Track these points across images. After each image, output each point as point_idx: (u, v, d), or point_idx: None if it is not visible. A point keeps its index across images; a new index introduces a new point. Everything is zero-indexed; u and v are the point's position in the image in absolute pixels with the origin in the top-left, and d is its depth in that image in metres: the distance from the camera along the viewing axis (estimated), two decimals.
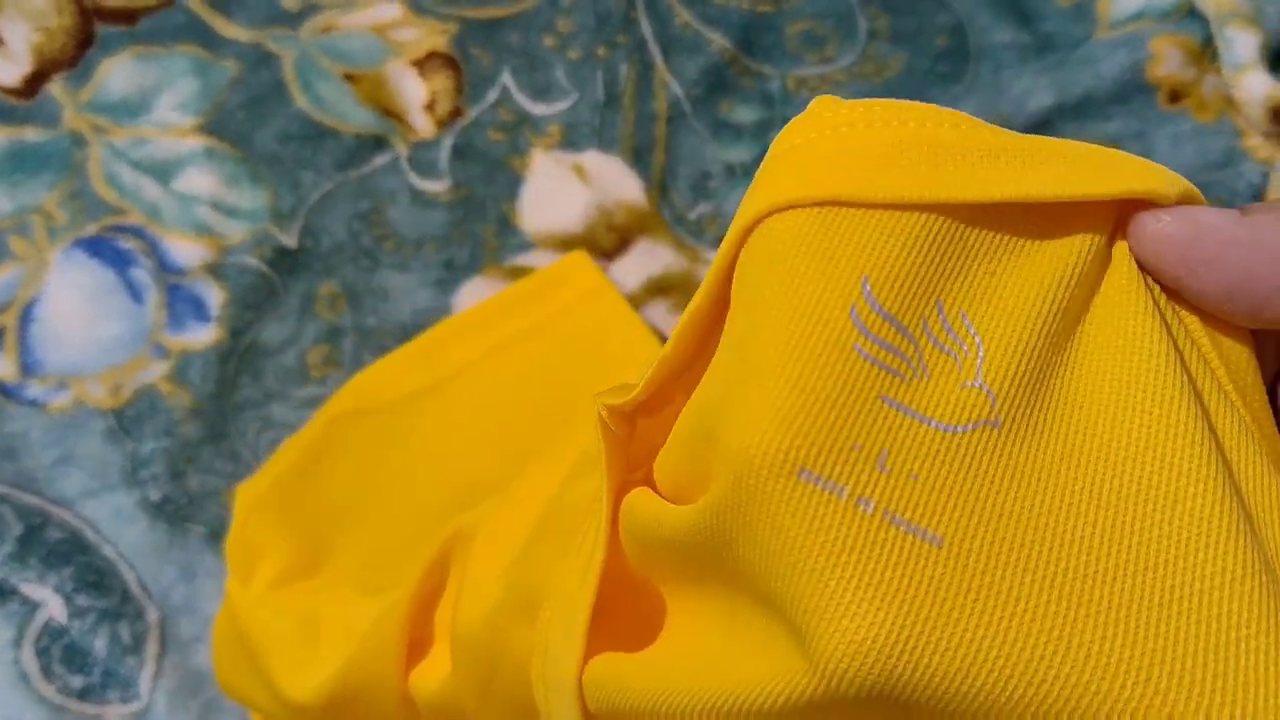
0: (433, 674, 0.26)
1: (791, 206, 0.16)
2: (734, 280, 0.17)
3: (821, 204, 0.16)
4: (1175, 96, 0.44)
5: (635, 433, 0.20)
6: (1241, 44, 0.43)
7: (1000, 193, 0.17)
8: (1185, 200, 0.18)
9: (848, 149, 0.17)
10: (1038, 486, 0.16)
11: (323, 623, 0.28)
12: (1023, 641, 0.15)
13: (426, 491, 0.34)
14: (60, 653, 0.35)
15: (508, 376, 0.38)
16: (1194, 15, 0.44)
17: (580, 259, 0.40)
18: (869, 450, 0.15)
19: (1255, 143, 0.43)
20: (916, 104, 0.18)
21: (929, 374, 0.16)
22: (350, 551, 0.30)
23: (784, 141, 0.18)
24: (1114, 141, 0.43)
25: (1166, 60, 0.44)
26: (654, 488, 0.19)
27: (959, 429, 0.16)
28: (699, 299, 0.18)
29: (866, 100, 0.18)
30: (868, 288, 0.16)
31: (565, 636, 0.19)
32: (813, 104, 0.18)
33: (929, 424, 0.16)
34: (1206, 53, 0.44)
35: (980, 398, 0.16)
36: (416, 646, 0.27)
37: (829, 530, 0.15)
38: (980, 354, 0.16)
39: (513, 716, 0.23)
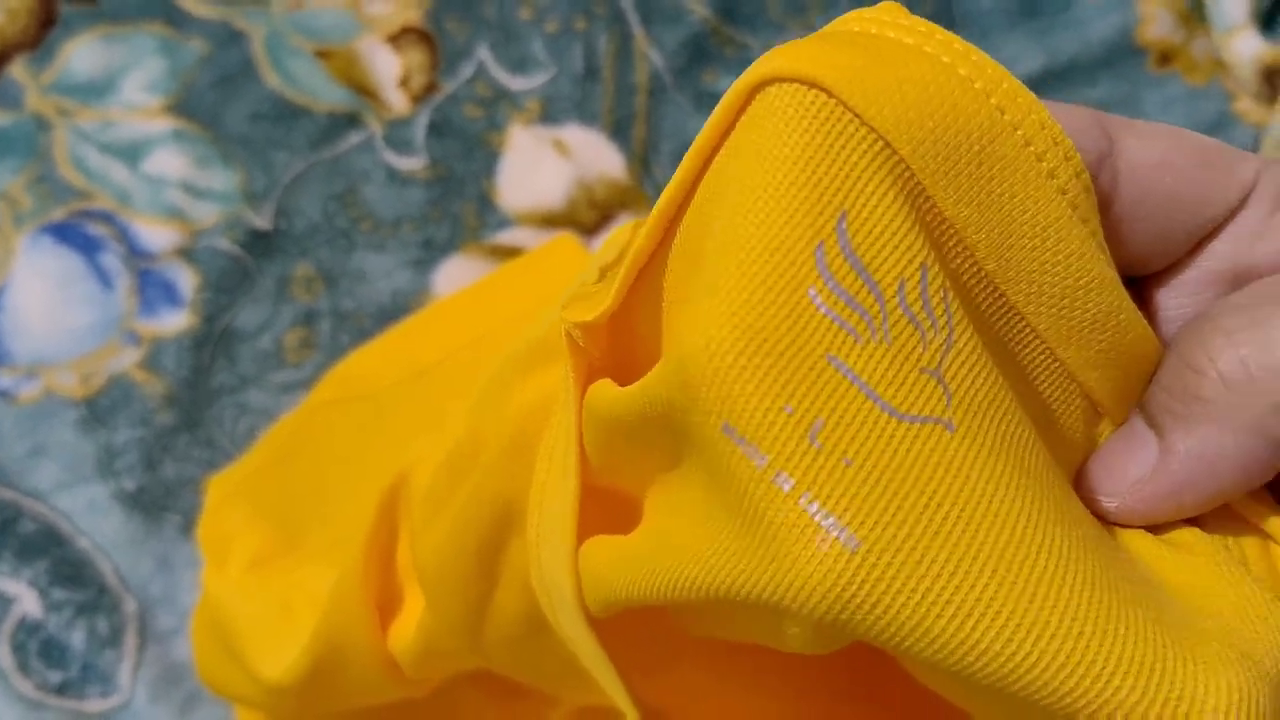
0: (409, 623, 0.25)
1: (802, 80, 0.14)
2: (726, 147, 0.15)
3: (830, 94, 0.14)
4: (1165, 59, 0.43)
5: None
6: (1231, 4, 0.42)
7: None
8: None
9: (884, 53, 0.14)
10: (986, 511, 0.14)
11: (296, 601, 0.27)
12: (927, 667, 0.13)
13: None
14: (37, 648, 0.34)
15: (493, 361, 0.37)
16: None
17: (567, 242, 0.39)
18: (802, 416, 0.13)
19: (1246, 106, 0.43)
20: (990, 62, 0.15)
21: (890, 343, 0.14)
22: (327, 532, 0.30)
23: (830, 26, 0.15)
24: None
25: (1156, 22, 0.43)
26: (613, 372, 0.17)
27: (909, 418, 0.14)
28: (675, 185, 0.15)
29: (939, 29, 0.15)
30: (844, 226, 0.14)
31: (554, 557, 0.18)
32: (881, 4, 0.15)
33: (876, 402, 0.14)
34: (1196, 14, 0.44)
35: (936, 390, 0.14)
36: (388, 607, 0.26)
37: (741, 499, 0.13)
38: (950, 340, 0.14)
39: (521, 631, 0.22)
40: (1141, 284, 0.18)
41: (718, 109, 0.15)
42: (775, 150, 0.14)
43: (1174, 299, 0.17)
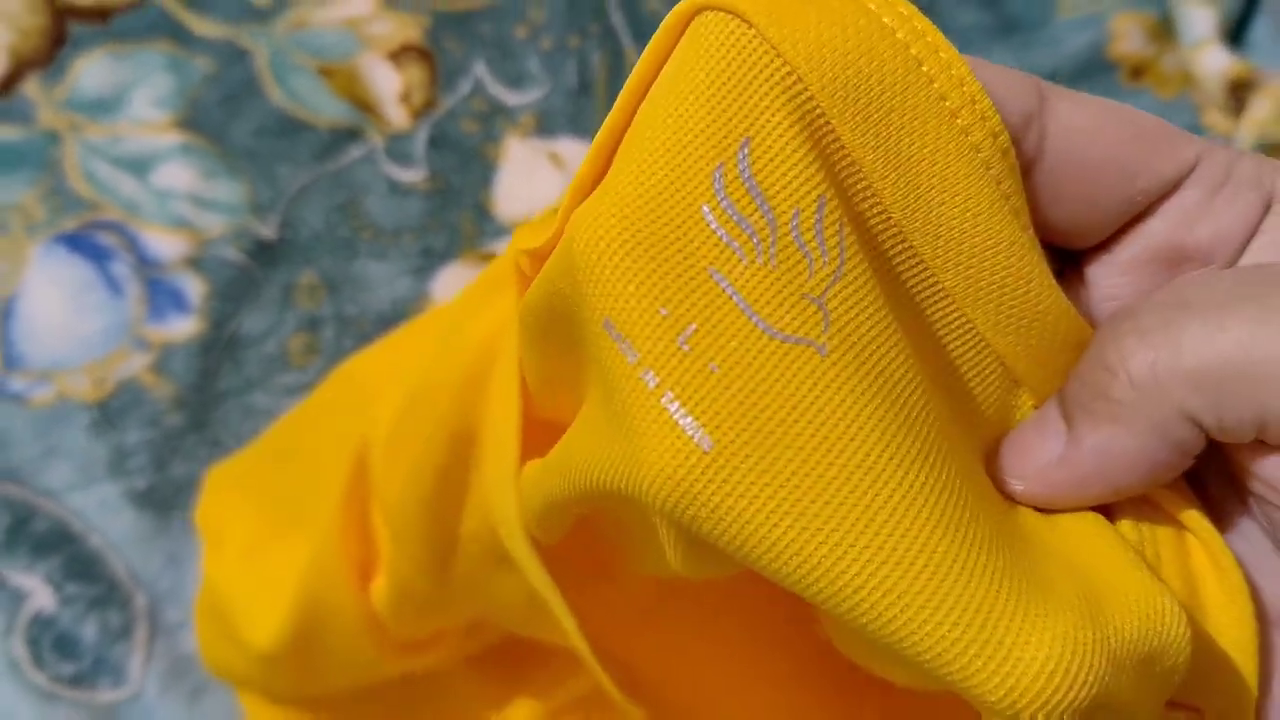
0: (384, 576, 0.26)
1: (726, 10, 0.14)
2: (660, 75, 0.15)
3: (750, 25, 0.14)
4: (1137, 73, 0.45)
5: None
6: (1198, 20, 0.44)
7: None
8: None
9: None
10: (843, 434, 0.14)
11: (284, 573, 0.28)
12: (758, 561, 0.14)
13: None
14: (50, 641, 0.35)
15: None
16: None
17: None
18: (676, 320, 0.14)
19: (1214, 118, 0.44)
20: (918, 15, 0.15)
21: (775, 266, 0.14)
22: (317, 507, 0.31)
23: None
24: None
25: (1128, 38, 0.45)
26: None
27: (781, 336, 0.14)
28: (614, 113, 0.16)
29: None
30: (745, 152, 0.14)
31: (498, 480, 0.19)
32: None
33: (751, 317, 0.14)
34: (1165, 29, 0.45)
35: (816, 315, 0.14)
36: (367, 565, 0.26)
37: (614, 393, 0.14)
38: (840, 272, 0.14)
39: (485, 567, 0.22)
40: (1079, 261, 0.18)
41: (653, 38, 0.15)
42: (692, 73, 0.14)
43: (1109, 278, 0.17)
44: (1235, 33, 0.45)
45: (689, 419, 0.14)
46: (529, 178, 0.42)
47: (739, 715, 0.24)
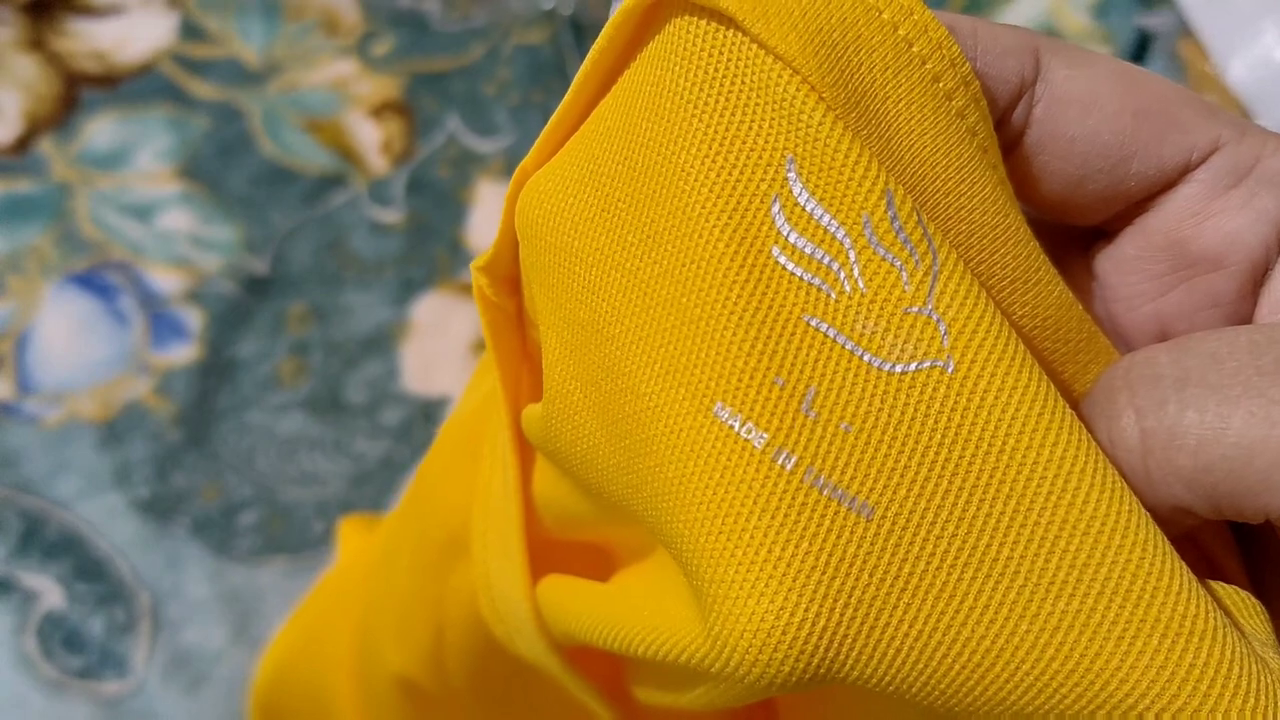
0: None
1: (705, 12, 0.13)
2: (632, 83, 0.13)
3: (737, 27, 0.13)
4: None
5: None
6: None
7: None
8: None
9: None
10: (990, 451, 0.12)
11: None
12: (959, 644, 0.12)
13: None
14: (61, 637, 0.38)
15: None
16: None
17: None
18: (794, 387, 0.12)
19: None
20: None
21: (864, 289, 0.13)
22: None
23: None
24: None
25: None
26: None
27: (900, 368, 0.12)
28: (566, 106, 0.14)
29: None
30: (793, 172, 0.13)
31: (505, 568, 0.18)
32: None
33: (864, 357, 0.12)
34: None
35: (928, 329, 0.12)
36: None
37: (741, 486, 0.12)
38: (935, 268, 0.13)
39: (472, 668, 0.21)
40: (1090, 259, 0.16)
41: (606, 33, 0.14)
42: (695, 105, 0.13)
43: (1117, 276, 0.15)
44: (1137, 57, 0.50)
45: (840, 491, 0.12)
46: (498, 215, 0.46)
47: None
